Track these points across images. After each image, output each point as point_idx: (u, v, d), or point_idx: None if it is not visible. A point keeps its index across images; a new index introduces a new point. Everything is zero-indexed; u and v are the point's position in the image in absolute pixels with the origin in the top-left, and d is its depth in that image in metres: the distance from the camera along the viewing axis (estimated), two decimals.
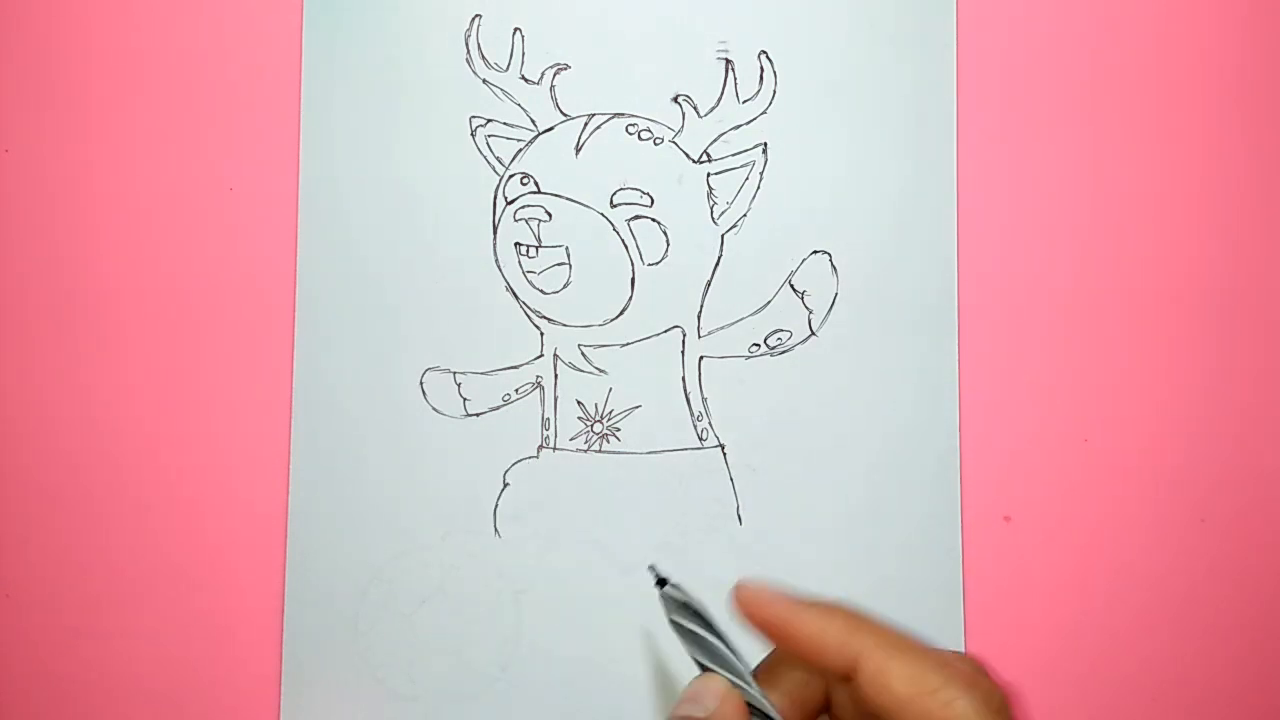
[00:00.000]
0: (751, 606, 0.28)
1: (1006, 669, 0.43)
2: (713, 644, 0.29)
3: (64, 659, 0.43)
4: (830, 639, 0.27)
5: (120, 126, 0.44)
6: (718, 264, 0.44)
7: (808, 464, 0.43)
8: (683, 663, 0.42)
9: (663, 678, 0.42)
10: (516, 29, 0.44)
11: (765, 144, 0.44)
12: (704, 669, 0.29)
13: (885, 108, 0.44)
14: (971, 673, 0.26)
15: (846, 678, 0.27)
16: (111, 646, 0.43)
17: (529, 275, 0.43)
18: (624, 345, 0.43)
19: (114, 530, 0.43)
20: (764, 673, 0.29)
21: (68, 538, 0.43)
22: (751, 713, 0.28)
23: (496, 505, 0.43)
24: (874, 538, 0.43)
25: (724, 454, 0.43)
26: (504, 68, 0.44)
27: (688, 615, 0.29)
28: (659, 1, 0.44)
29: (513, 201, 0.44)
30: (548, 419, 0.43)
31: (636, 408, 0.43)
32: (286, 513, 0.43)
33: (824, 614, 0.27)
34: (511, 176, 0.44)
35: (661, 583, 0.30)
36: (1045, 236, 0.44)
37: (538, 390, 0.43)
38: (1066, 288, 0.44)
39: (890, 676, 0.26)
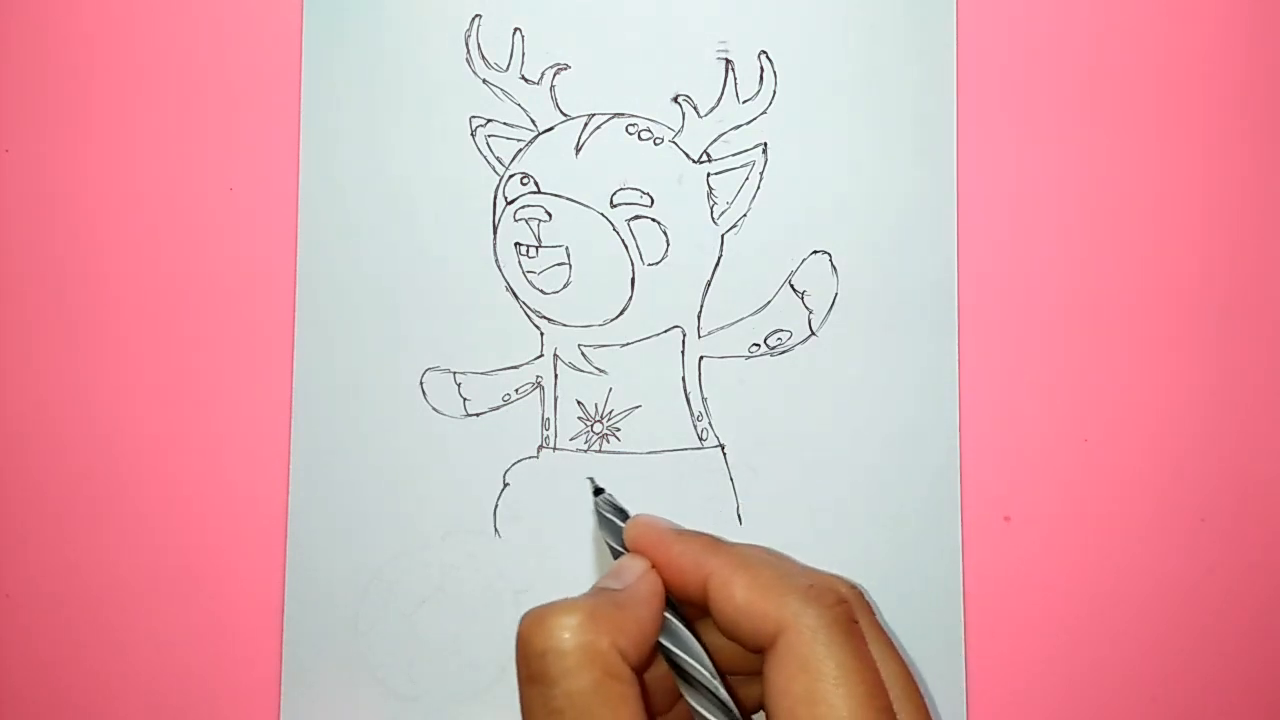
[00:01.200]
0: (633, 534, 0.30)
1: (1007, 669, 0.43)
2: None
3: (64, 659, 0.43)
4: (687, 560, 0.28)
5: (120, 126, 0.44)
6: (718, 264, 0.44)
7: (807, 464, 0.43)
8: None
9: None
10: (516, 29, 0.44)
11: (765, 144, 0.44)
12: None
13: (885, 108, 0.44)
14: (814, 579, 0.27)
15: (704, 608, 0.28)
16: (111, 646, 0.43)
17: (529, 275, 0.43)
18: (624, 345, 0.43)
19: (114, 530, 0.43)
20: None
21: (68, 538, 0.43)
22: (669, 607, 0.29)
23: (496, 505, 0.43)
24: (874, 537, 0.43)
25: (724, 454, 0.43)
26: (504, 68, 0.44)
27: (619, 516, 0.32)
28: (659, 1, 0.44)
29: (513, 201, 0.44)
30: (548, 419, 0.43)
31: (636, 408, 0.43)
32: (286, 513, 0.43)
33: (686, 539, 0.29)
34: (511, 176, 0.44)
35: (598, 491, 0.33)
36: (1045, 236, 0.44)
37: (538, 390, 0.43)
38: (1066, 288, 0.44)
39: (734, 587, 0.27)
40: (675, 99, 0.44)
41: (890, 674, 0.27)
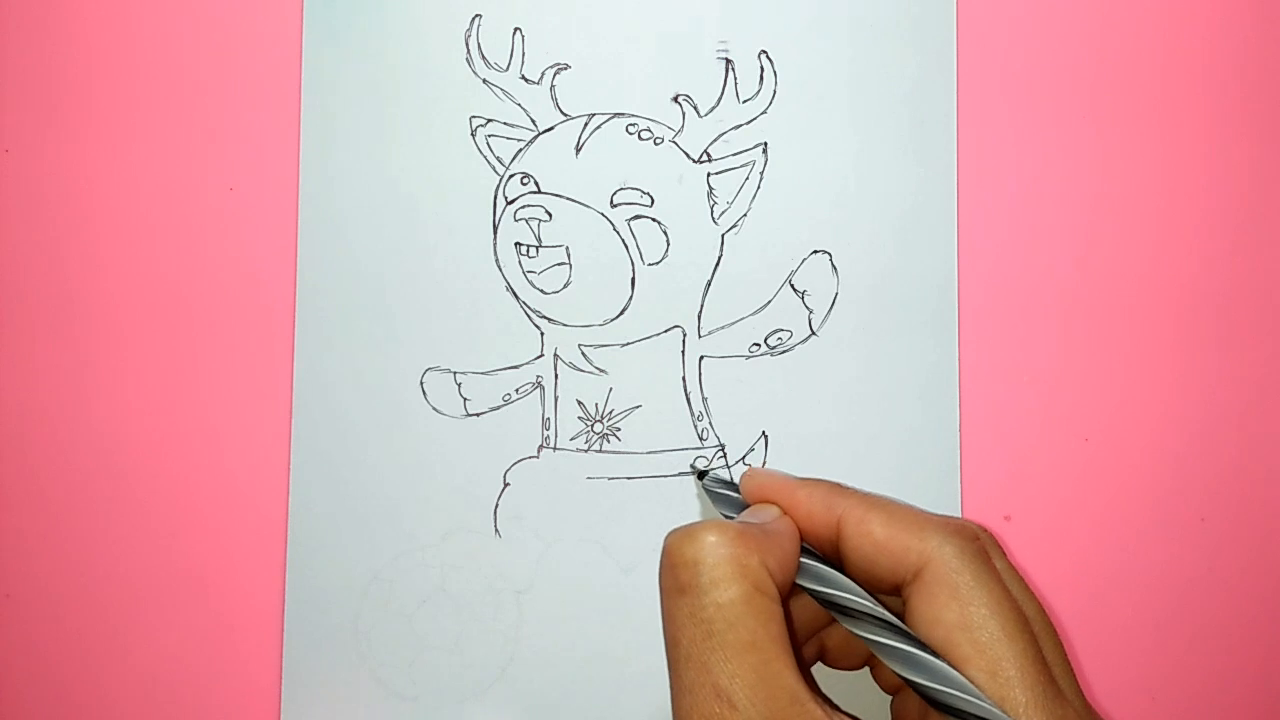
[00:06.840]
0: (754, 484, 0.31)
1: None
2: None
3: (64, 659, 0.43)
4: (816, 503, 0.29)
5: (120, 126, 0.44)
6: (718, 264, 0.44)
7: (807, 464, 0.43)
8: None
9: (664, 678, 0.42)
10: (516, 29, 0.44)
11: (765, 144, 0.44)
12: None
13: (885, 107, 0.44)
14: (949, 518, 0.28)
15: (836, 548, 0.28)
16: (112, 647, 0.43)
17: (529, 275, 0.43)
18: (624, 345, 0.43)
19: (114, 530, 0.43)
20: None
21: (68, 538, 0.43)
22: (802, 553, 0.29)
23: (496, 505, 0.43)
24: None
25: (724, 454, 0.43)
26: (504, 68, 0.44)
27: (729, 488, 0.32)
28: (659, 1, 0.44)
29: (513, 201, 0.44)
30: (548, 419, 0.43)
31: (637, 408, 0.43)
32: (287, 513, 0.43)
33: (811, 484, 0.30)
34: (512, 176, 0.44)
35: (702, 474, 0.33)
36: (1045, 236, 0.44)
37: (538, 390, 0.43)
38: (1067, 287, 0.44)
39: (870, 524, 0.28)
40: (675, 99, 0.44)
41: (1031, 611, 0.27)
